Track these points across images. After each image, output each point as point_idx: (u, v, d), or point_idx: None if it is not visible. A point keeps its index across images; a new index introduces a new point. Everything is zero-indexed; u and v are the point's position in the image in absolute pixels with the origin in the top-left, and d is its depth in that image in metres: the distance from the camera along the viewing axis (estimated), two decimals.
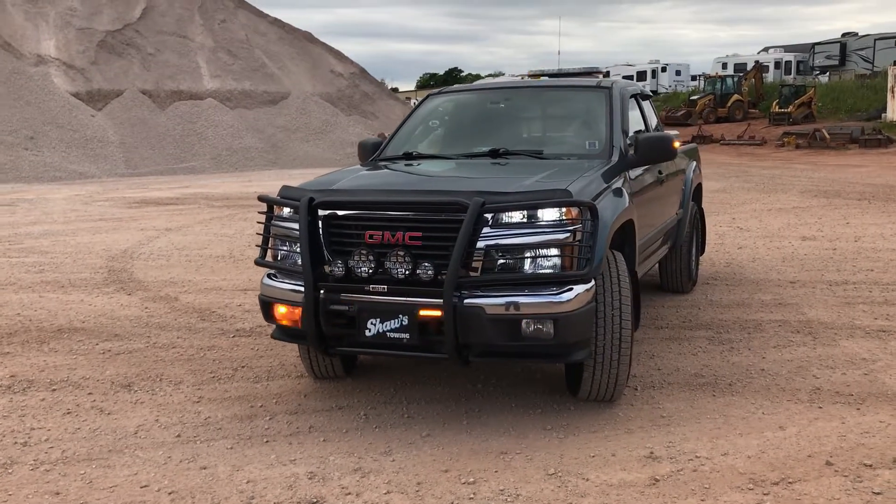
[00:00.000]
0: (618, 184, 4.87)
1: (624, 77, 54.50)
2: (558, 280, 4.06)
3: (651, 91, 52.81)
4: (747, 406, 4.58)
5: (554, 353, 4.23)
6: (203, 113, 30.03)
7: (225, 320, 6.75)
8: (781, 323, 6.30)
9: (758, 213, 13.13)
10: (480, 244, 4.04)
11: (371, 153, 5.86)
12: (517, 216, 4.08)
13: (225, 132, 29.68)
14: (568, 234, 4.04)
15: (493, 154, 5.28)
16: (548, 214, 4.06)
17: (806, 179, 18.83)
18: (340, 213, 4.33)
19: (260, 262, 4.67)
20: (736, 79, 41.03)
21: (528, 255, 4.07)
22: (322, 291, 4.23)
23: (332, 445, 4.15)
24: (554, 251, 4.06)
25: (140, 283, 8.41)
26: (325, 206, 4.33)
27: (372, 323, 4.15)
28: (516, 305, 4.00)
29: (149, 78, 30.38)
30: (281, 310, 4.49)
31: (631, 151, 5.26)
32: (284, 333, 4.66)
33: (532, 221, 4.07)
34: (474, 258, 4.04)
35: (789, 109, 35.36)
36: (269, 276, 4.65)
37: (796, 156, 26.88)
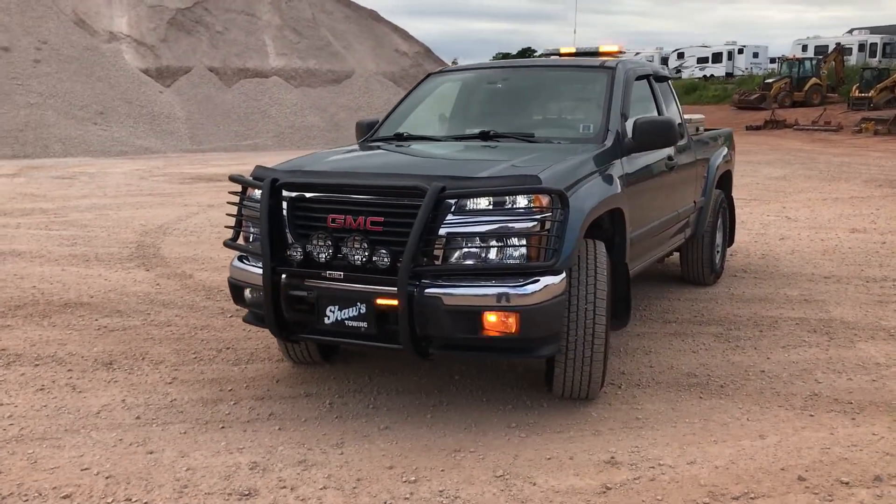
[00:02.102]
0: (609, 170, 4.60)
1: (699, 59, 53.14)
2: (524, 271, 3.84)
3: (727, 73, 51.69)
4: (733, 410, 4.28)
5: (518, 347, 4.00)
6: (268, 91, 30.32)
7: (229, 299, 6.69)
8: (799, 321, 5.92)
9: (812, 202, 12.50)
10: (442, 231, 3.84)
11: (365, 133, 5.71)
12: (483, 203, 3.86)
13: (288, 110, 29.92)
14: (535, 223, 3.81)
15: (484, 136, 5.07)
16: (514, 201, 3.84)
17: (876, 168, 17.91)
18: (308, 195, 4.19)
19: (229, 244, 4.56)
20: (815, 61, 39.40)
21: (492, 243, 3.84)
22: (284, 276, 4.10)
23: (286, 435, 4.03)
24: (520, 240, 3.83)
25: (163, 259, 8.47)
26: (288, 187, 4.19)
27: (330, 310, 4.00)
28: (477, 297, 3.80)
29: (216, 55, 30.79)
30: (248, 293, 4.40)
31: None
32: (255, 318, 4.56)
33: (498, 209, 3.85)
34: (435, 246, 3.85)
35: (870, 94, 33.76)
36: (239, 258, 4.54)
37: (873, 143, 25.64)
